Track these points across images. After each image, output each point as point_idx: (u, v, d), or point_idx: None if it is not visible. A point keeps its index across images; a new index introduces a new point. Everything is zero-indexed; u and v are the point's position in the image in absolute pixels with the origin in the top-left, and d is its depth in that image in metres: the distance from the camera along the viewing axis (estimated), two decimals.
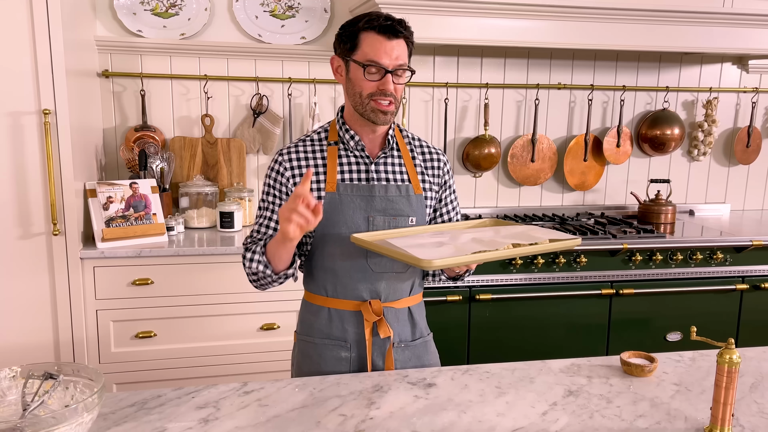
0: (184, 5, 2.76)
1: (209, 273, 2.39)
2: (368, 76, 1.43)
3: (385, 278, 1.52)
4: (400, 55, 1.43)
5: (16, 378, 1.16)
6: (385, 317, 1.52)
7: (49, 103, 2.17)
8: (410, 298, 1.58)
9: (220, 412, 1.22)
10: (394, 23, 1.43)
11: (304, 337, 1.58)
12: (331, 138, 1.55)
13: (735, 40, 2.83)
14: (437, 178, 1.61)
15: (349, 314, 1.53)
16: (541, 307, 2.65)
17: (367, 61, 1.42)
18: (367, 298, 1.52)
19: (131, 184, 2.48)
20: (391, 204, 1.52)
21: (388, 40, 1.42)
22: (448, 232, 1.50)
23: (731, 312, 2.83)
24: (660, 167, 3.40)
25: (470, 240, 1.43)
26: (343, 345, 1.53)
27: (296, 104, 2.96)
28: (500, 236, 1.47)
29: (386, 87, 1.43)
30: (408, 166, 1.56)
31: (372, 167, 1.53)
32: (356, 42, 1.44)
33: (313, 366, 1.55)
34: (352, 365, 1.54)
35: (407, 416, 1.22)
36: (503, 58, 3.12)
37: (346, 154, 1.53)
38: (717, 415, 1.14)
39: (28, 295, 2.27)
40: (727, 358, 1.12)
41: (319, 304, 1.55)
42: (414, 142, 1.62)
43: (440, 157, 1.63)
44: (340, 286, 1.52)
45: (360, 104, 1.47)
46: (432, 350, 1.64)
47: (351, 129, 1.53)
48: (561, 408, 1.26)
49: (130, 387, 2.40)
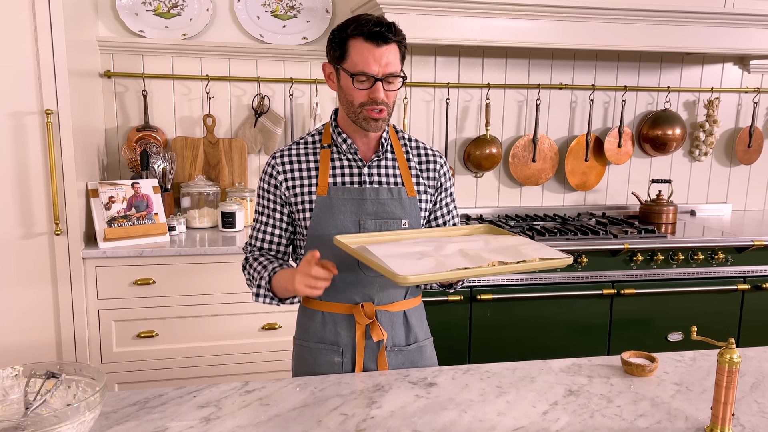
0: (186, 6, 2.77)
1: (211, 273, 2.39)
2: (358, 85, 1.41)
3: (377, 282, 1.51)
4: (390, 62, 1.40)
5: (19, 377, 1.17)
6: (379, 320, 1.51)
7: (52, 103, 2.18)
8: (406, 302, 1.56)
9: (221, 411, 1.23)
10: (383, 29, 1.38)
11: (300, 341, 1.59)
12: (324, 141, 1.54)
13: (736, 41, 2.83)
14: (433, 180, 1.58)
15: (341, 318, 1.52)
16: (543, 307, 2.65)
17: (356, 71, 1.40)
18: (360, 301, 1.51)
19: (133, 184, 2.48)
20: (383, 207, 1.50)
21: (377, 47, 1.39)
22: (435, 240, 1.44)
23: (732, 312, 2.83)
24: (661, 167, 3.39)
25: (456, 252, 1.36)
26: (335, 349, 1.53)
27: (298, 104, 2.96)
28: (488, 249, 1.39)
29: (376, 96, 1.41)
30: (402, 169, 1.54)
31: (365, 170, 1.52)
32: (345, 49, 1.42)
33: (308, 370, 1.56)
34: (344, 370, 1.53)
35: (408, 415, 1.22)
36: (504, 59, 3.12)
37: (339, 158, 1.52)
38: (717, 414, 1.15)
39: (30, 294, 2.27)
40: (727, 358, 1.13)
41: (314, 307, 1.55)
42: (410, 144, 1.59)
43: (436, 159, 1.60)
44: (332, 290, 1.50)
45: (352, 113, 1.46)
46: (428, 355, 1.61)
47: (344, 132, 1.52)
48: (562, 407, 1.26)
49: (132, 386, 2.40)
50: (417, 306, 1.61)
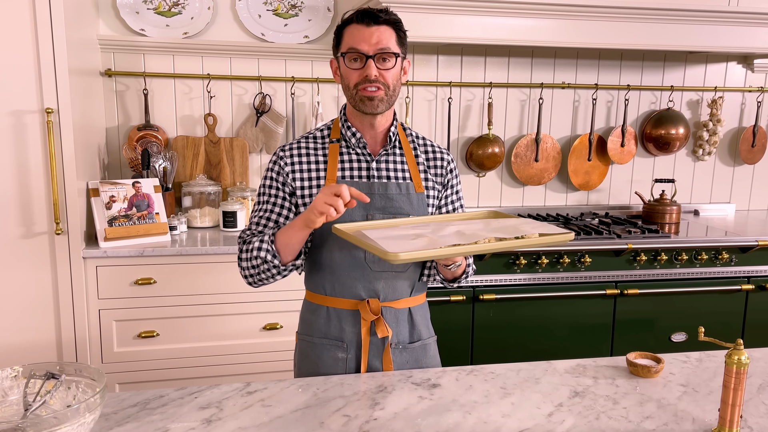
0: (187, 4, 2.76)
1: (212, 272, 2.38)
2: (349, 64, 1.43)
3: (383, 277, 1.50)
4: (381, 40, 1.41)
5: (18, 378, 1.16)
6: (384, 317, 1.50)
7: (52, 102, 2.17)
8: (411, 299, 1.55)
9: (223, 413, 1.22)
10: (373, 10, 1.42)
11: (304, 337, 1.58)
12: (333, 135, 1.54)
13: (740, 39, 2.82)
14: (440, 177, 1.58)
15: (347, 313, 1.51)
16: (545, 307, 2.64)
17: (346, 50, 1.43)
18: (365, 296, 1.50)
19: (134, 183, 2.47)
20: (391, 202, 1.50)
21: (366, 27, 1.41)
22: (433, 224, 1.43)
23: (736, 312, 2.81)
24: (664, 167, 3.38)
25: (453, 233, 1.34)
26: (340, 345, 1.52)
27: (299, 103, 2.95)
28: (487, 229, 1.37)
29: (369, 72, 1.41)
30: (410, 164, 1.54)
31: (373, 165, 1.52)
32: (341, 37, 1.46)
33: (312, 366, 1.54)
34: (348, 366, 1.52)
35: (412, 417, 1.21)
36: (507, 57, 3.10)
37: (348, 152, 1.52)
38: (725, 416, 1.13)
39: (30, 294, 2.26)
40: (735, 359, 1.11)
41: (319, 302, 1.54)
42: (417, 140, 1.60)
43: (444, 156, 1.60)
44: (338, 285, 1.50)
45: (351, 97, 1.46)
46: (432, 354, 1.60)
47: (353, 126, 1.52)
48: (567, 409, 1.25)
49: (133, 387, 2.39)
50: (422, 304, 1.60)
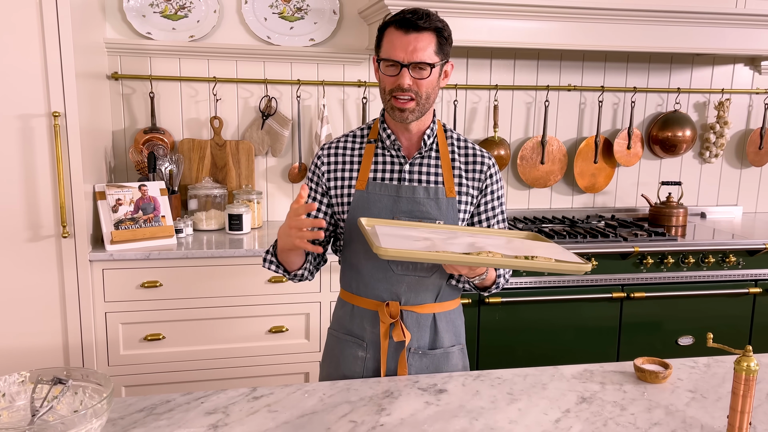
0: (193, 7, 2.76)
1: (218, 275, 2.38)
2: (385, 71, 1.43)
3: (406, 281, 1.49)
4: (418, 49, 1.39)
5: (25, 383, 1.16)
6: (404, 321, 1.50)
7: (59, 105, 2.17)
8: (436, 305, 1.53)
9: (229, 418, 1.21)
10: (414, 17, 1.38)
11: (332, 331, 1.62)
12: (371, 136, 1.55)
13: (747, 41, 2.80)
14: (477, 182, 1.54)
15: (368, 313, 1.53)
16: (551, 311, 2.63)
17: (383, 57, 1.43)
18: (387, 299, 1.50)
19: (140, 186, 2.48)
20: (417, 206, 1.49)
21: (405, 34, 1.39)
22: (451, 233, 1.41)
23: (744, 316, 2.80)
24: (671, 169, 3.36)
25: (465, 244, 1.30)
26: (360, 344, 1.54)
27: (305, 106, 2.95)
28: (505, 247, 1.31)
29: (401, 82, 1.40)
30: (444, 168, 1.52)
31: (405, 167, 1.51)
32: (381, 39, 1.45)
33: (334, 360, 1.58)
34: (366, 365, 1.53)
35: (418, 423, 1.20)
36: (513, 60, 3.10)
37: (382, 153, 1.53)
38: (734, 423, 1.12)
39: (37, 297, 2.27)
40: (744, 366, 1.10)
41: (346, 299, 1.58)
42: (458, 143, 1.56)
43: (484, 160, 1.55)
44: (362, 285, 1.52)
45: (385, 102, 1.47)
46: (454, 362, 1.57)
47: (389, 128, 1.53)
48: (574, 415, 1.24)
49: (139, 390, 2.40)
50: (450, 311, 1.57)
